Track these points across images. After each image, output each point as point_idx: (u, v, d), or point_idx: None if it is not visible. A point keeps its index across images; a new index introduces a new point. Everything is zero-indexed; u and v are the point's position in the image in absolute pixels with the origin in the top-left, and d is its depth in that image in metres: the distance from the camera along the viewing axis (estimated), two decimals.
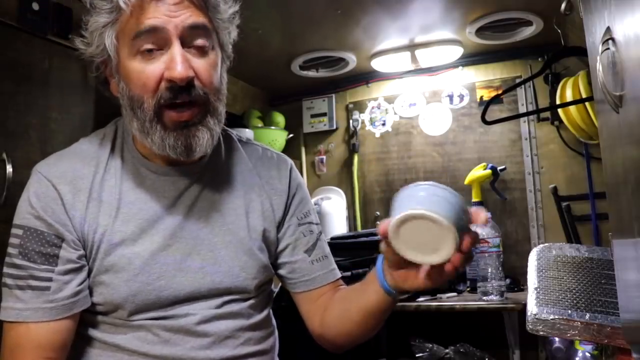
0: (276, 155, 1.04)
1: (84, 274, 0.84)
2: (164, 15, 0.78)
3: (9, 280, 0.81)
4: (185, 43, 0.81)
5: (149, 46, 0.79)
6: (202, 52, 0.83)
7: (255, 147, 1.04)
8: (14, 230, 0.83)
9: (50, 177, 0.85)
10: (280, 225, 0.98)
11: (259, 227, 0.95)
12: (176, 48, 0.79)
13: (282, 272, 0.98)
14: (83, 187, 0.86)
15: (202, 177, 0.92)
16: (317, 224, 1.02)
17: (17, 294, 0.80)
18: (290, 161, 1.05)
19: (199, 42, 0.82)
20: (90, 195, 0.86)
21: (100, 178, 0.88)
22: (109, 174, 0.89)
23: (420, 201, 0.64)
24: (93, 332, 0.86)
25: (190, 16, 0.80)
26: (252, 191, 0.97)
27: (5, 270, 0.82)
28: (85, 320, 0.86)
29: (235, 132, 1.04)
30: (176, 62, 0.78)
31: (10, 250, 0.82)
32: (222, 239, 0.90)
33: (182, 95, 0.80)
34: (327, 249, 1.01)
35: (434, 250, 0.66)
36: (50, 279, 0.80)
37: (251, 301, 0.92)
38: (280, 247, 0.97)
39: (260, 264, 0.93)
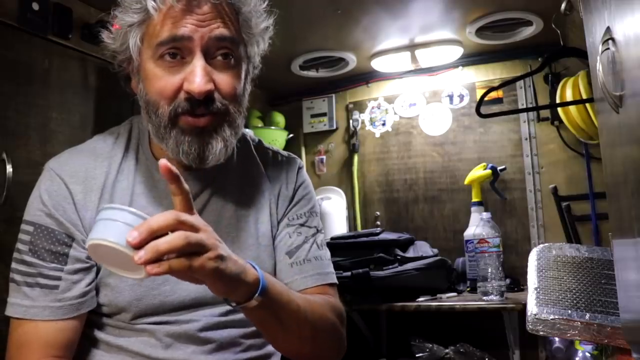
0: (286, 158, 1.04)
1: (92, 274, 0.84)
2: (191, 25, 0.78)
3: (17, 277, 0.81)
4: (210, 54, 0.80)
5: (172, 53, 0.79)
6: (226, 64, 0.82)
7: (266, 150, 1.04)
8: (24, 227, 0.83)
9: (63, 175, 0.85)
10: (278, 223, 0.98)
11: (267, 232, 0.94)
12: (198, 60, 0.78)
13: None
14: (95, 187, 0.85)
15: (214, 183, 0.92)
16: (312, 227, 0.99)
17: (26, 290, 0.80)
18: (299, 163, 1.05)
19: (224, 54, 0.81)
20: (102, 196, 0.85)
21: (112, 179, 0.87)
22: (122, 175, 0.88)
23: (101, 229, 0.63)
24: (97, 333, 0.86)
25: (218, 27, 0.79)
26: (262, 196, 0.96)
27: (14, 266, 0.82)
28: (89, 321, 0.86)
29: (249, 134, 1.04)
30: (196, 75, 0.78)
31: (19, 246, 0.82)
32: (230, 246, 0.88)
33: (200, 108, 0.80)
34: (316, 253, 0.96)
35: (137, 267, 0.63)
36: (59, 278, 0.80)
37: None
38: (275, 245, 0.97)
39: (269, 273, 0.92)
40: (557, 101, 1.79)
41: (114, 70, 0.90)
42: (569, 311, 1.02)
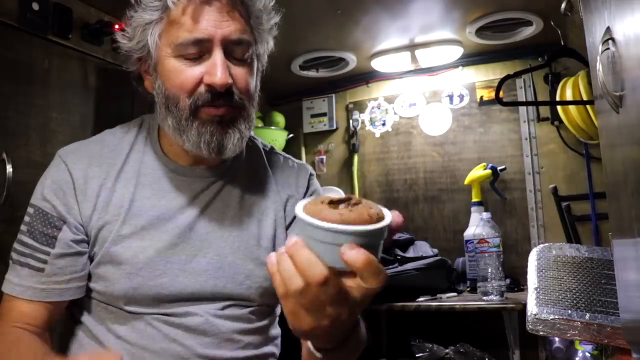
0: (297, 165, 1.05)
1: (80, 262, 0.85)
2: (211, 27, 0.81)
3: (14, 255, 0.85)
4: (227, 52, 0.83)
5: (192, 52, 0.82)
6: (241, 61, 0.85)
7: (277, 156, 1.05)
8: (28, 209, 0.87)
9: (68, 161, 0.88)
10: (286, 229, 0.98)
11: (270, 234, 0.94)
12: (218, 55, 0.81)
13: None
14: (97, 175, 0.88)
15: (220, 181, 0.93)
16: None
17: (17, 269, 0.84)
18: (310, 170, 1.06)
19: (240, 52, 0.85)
20: (104, 184, 0.88)
21: (117, 169, 0.90)
22: (128, 165, 0.91)
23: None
24: (92, 320, 0.87)
25: (236, 30, 0.83)
26: (268, 199, 0.97)
27: (14, 244, 0.86)
28: (85, 307, 0.88)
29: (260, 140, 1.06)
30: (217, 68, 0.80)
31: (22, 226, 0.86)
32: (231, 245, 0.90)
33: (220, 100, 0.82)
34: None
35: None
36: (45, 262, 0.83)
37: (254, 308, 0.91)
38: (277, 248, 0.95)
39: (268, 274, 0.92)
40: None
41: (127, 70, 0.91)
42: (569, 311, 1.02)
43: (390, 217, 0.55)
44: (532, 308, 1.05)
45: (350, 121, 2.34)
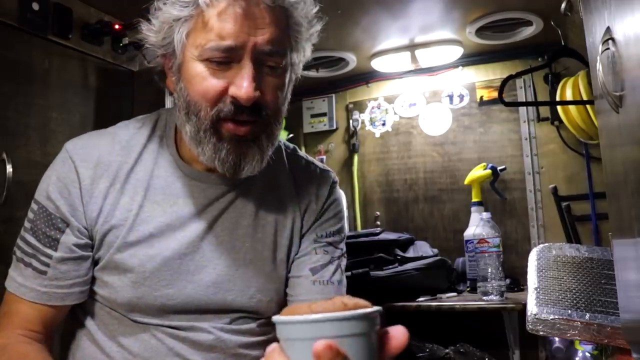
0: (320, 171, 0.99)
1: (84, 266, 0.83)
2: (244, 34, 0.75)
3: (18, 252, 0.83)
4: (258, 61, 0.77)
5: (220, 59, 0.76)
6: (273, 72, 0.80)
7: (299, 158, 0.99)
8: (32, 204, 0.84)
9: (75, 158, 0.84)
10: (301, 239, 0.93)
11: (285, 246, 0.90)
12: (247, 66, 0.76)
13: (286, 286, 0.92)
14: (105, 175, 0.83)
15: (237, 188, 0.88)
16: (338, 248, 0.95)
17: (21, 268, 0.82)
18: (332, 178, 1.00)
19: (273, 62, 0.79)
20: (112, 185, 0.83)
21: (128, 168, 0.85)
22: (140, 165, 0.86)
23: None
24: (94, 324, 0.85)
25: (270, 39, 0.76)
26: (286, 208, 0.92)
27: (18, 241, 0.83)
28: (89, 310, 0.85)
29: (282, 141, 0.99)
30: (244, 81, 0.75)
31: (26, 223, 0.84)
32: (243, 257, 0.86)
33: (243, 114, 0.77)
34: (339, 277, 0.92)
35: None
36: (48, 265, 0.81)
37: (262, 320, 0.88)
38: (291, 259, 0.92)
39: (281, 287, 0.89)
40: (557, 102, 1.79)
41: (149, 65, 0.88)
42: (569, 311, 1.02)
43: (377, 309, 0.47)
44: (532, 308, 1.05)
45: (350, 121, 2.34)
